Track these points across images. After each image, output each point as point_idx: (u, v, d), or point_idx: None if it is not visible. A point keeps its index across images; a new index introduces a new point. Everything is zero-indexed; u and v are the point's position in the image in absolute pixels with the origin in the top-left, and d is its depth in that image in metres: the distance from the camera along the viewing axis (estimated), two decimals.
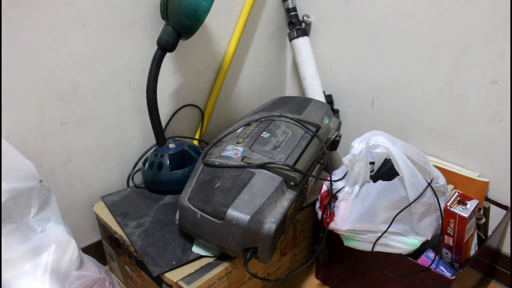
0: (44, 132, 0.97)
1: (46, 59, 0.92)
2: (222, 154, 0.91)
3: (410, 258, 0.89)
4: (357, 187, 0.91)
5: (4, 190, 0.73)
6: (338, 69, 1.30)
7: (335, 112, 1.32)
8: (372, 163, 0.96)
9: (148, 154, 1.11)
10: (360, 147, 0.91)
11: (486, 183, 1.03)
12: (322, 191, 0.98)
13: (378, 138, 0.90)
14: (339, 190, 0.94)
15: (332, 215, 0.93)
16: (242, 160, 0.89)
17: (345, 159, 0.94)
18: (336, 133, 1.11)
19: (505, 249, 1.09)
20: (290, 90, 1.50)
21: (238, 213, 0.79)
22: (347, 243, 0.94)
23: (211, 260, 0.87)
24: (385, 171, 0.96)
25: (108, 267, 1.04)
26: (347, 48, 1.24)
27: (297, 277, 1.14)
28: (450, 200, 0.89)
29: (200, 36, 1.15)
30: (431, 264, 0.87)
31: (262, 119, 1.02)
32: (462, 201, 0.88)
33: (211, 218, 0.81)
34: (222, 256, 0.87)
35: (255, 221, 0.79)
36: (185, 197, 0.86)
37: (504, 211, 1.04)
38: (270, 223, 0.79)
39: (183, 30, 0.98)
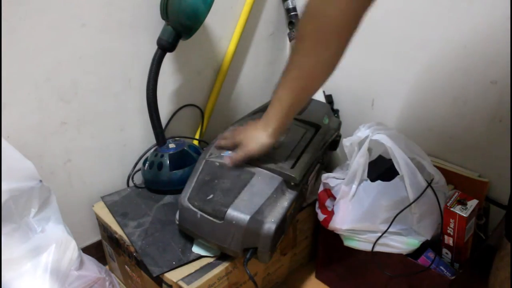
0: (44, 132, 0.97)
1: (46, 59, 0.91)
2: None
3: (410, 258, 0.89)
4: (354, 187, 0.90)
5: (4, 190, 0.73)
6: (338, 69, 1.29)
7: (335, 112, 1.32)
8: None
9: (148, 154, 1.11)
10: (366, 133, 0.90)
11: (486, 183, 1.03)
12: (320, 190, 0.98)
13: (381, 136, 0.90)
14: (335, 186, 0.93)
15: (331, 215, 0.93)
16: None
17: (346, 141, 0.92)
18: (336, 133, 1.11)
19: None
20: None
21: (238, 213, 0.79)
22: (347, 243, 0.94)
23: (211, 260, 0.87)
24: (385, 171, 0.96)
25: (108, 267, 1.04)
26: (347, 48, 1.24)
27: (297, 277, 1.14)
28: (450, 200, 0.89)
29: (200, 36, 1.15)
30: (431, 264, 0.87)
31: None
32: (462, 201, 0.88)
33: (211, 218, 0.81)
34: (222, 256, 0.87)
35: (255, 221, 0.79)
36: (185, 197, 0.86)
37: (504, 211, 1.03)
38: (270, 223, 0.79)
39: (183, 30, 0.98)
